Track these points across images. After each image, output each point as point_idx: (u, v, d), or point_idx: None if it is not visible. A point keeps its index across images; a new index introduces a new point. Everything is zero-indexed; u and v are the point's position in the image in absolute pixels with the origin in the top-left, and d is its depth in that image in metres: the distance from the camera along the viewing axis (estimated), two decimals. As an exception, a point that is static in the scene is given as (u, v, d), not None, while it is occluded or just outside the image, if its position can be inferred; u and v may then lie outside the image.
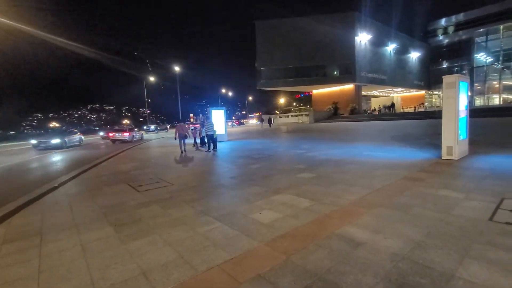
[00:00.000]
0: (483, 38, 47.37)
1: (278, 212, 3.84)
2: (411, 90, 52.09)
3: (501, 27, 45.22)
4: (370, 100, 54.20)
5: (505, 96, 44.34)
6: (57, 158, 13.23)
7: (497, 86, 45.64)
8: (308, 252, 2.66)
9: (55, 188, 6.24)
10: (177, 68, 40.32)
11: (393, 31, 43.25)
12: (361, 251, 2.62)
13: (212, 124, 12.09)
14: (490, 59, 47.61)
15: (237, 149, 12.40)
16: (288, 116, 45.40)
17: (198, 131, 14.25)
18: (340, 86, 40.09)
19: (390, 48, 42.99)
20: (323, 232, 3.08)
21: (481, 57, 48.35)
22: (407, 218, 3.33)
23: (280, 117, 46.68)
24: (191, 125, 15.07)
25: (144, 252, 2.89)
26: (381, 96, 54.90)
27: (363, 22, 36.87)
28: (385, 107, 42.63)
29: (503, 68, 46.35)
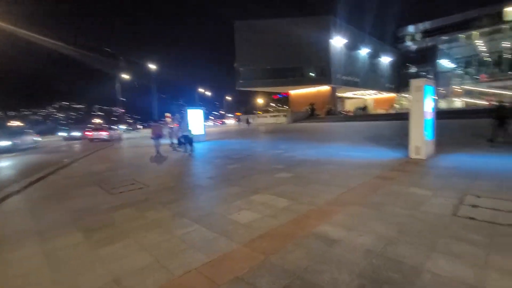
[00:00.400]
0: (447, 45, 51.43)
1: (256, 212, 3.84)
2: (383, 93, 54.59)
3: (462, 36, 49.24)
4: (344, 101, 56.07)
5: (466, 99, 47.94)
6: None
7: (459, 90, 49.48)
8: (287, 252, 2.68)
9: (17, 192, 5.78)
10: (153, 66, 39.11)
11: (366, 36, 45.10)
12: (337, 249, 2.68)
13: (188, 124, 11.85)
14: (452, 65, 51.79)
15: (215, 149, 12.27)
16: (266, 117, 45.73)
17: (175, 131, 13.90)
18: (316, 87, 41.06)
19: (364, 52, 44.77)
20: (301, 232, 3.12)
21: (445, 63, 52.38)
22: (380, 216, 3.47)
23: (258, 117, 46.90)
24: (175, 124, 14.57)
25: (117, 258, 2.75)
26: (355, 98, 56.96)
27: (338, 26, 38.06)
28: (359, 108, 44.40)
29: (463, 74, 50.53)
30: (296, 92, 45.15)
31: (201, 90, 61.89)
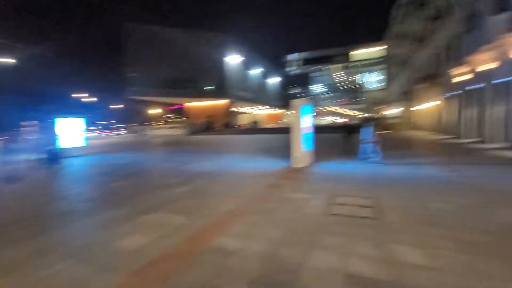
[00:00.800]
0: (317, 73, 66.15)
1: (147, 235, 3.46)
2: (273, 109, 61.56)
3: (326, 67, 64.73)
4: (239, 115, 60.01)
5: (332, 118, 60.66)
6: None
7: (325, 110, 63.07)
8: (182, 273, 2.52)
9: None
10: (9, 61, 30.29)
11: (260, 57, 50.38)
12: (235, 260, 2.73)
13: (57, 135, 9.73)
14: (321, 90, 66.78)
15: (98, 165, 10.50)
16: (162, 128, 43.11)
17: (37, 144, 11.08)
18: (214, 101, 42.04)
19: (257, 71, 49.63)
20: (198, 248, 3.02)
21: (316, 87, 66.93)
22: (271, 221, 3.78)
23: (154, 128, 43.62)
24: (37, 135, 11.51)
25: None
26: (249, 113, 61.79)
27: (235, 44, 40.58)
28: (252, 122, 48.48)
29: (330, 97, 65.39)
30: (193, 104, 44.80)
31: (83, 95, 52.50)
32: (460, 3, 14.39)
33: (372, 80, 63.22)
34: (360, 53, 65.91)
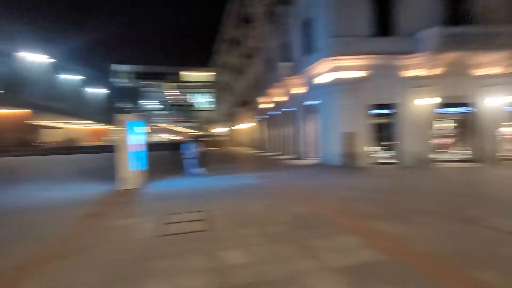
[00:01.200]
0: (150, 89, 65.18)
1: None
2: (97, 124, 52.56)
3: (159, 84, 65.28)
4: (45, 130, 46.76)
5: (165, 134, 60.42)
6: None
7: (159, 127, 62.70)
8: None
9: None
10: None
11: (81, 62, 42.08)
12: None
13: None
14: (154, 106, 66.22)
15: None
16: None
17: None
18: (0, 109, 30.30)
19: (75, 78, 40.93)
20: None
21: (149, 103, 65.88)
22: (88, 261, 3.10)
23: None
24: None
25: None
26: (61, 127, 49.47)
27: (40, 40, 31.53)
28: (66, 139, 39.24)
29: (164, 114, 65.62)
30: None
31: None
32: (262, 49, 18.86)
33: (203, 100, 69.11)
34: (191, 74, 70.62)
